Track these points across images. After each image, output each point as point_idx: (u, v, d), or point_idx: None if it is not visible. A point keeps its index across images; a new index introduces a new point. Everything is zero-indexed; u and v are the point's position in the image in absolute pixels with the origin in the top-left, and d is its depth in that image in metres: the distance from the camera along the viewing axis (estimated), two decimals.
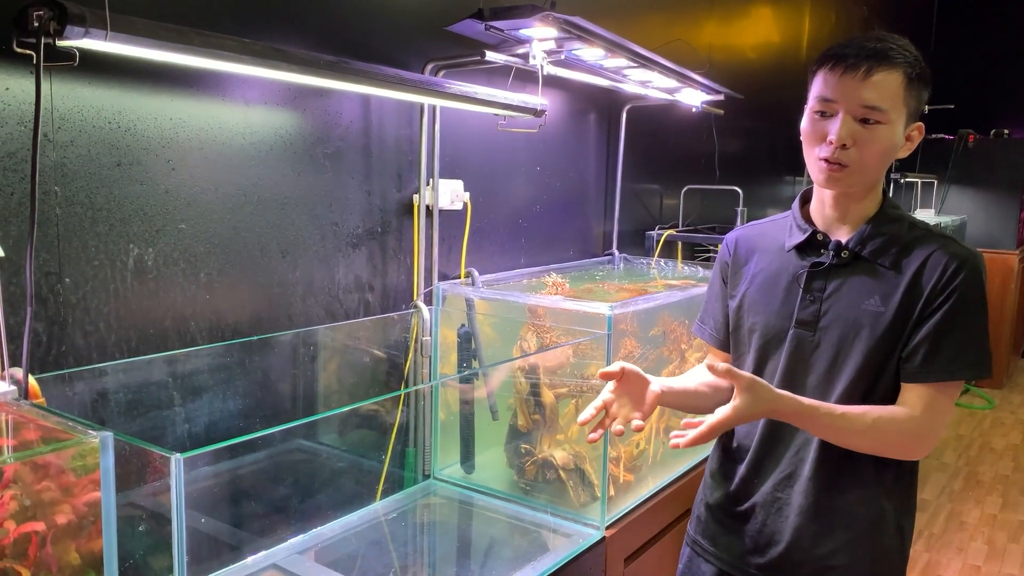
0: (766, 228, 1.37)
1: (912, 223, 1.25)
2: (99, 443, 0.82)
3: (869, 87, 1.14)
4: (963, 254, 1.19)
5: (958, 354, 1.17)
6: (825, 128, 1.18)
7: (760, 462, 1.31)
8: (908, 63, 1.16)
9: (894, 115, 1.16)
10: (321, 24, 1.70)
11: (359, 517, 1.79)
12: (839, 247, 1.24)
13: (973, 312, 1.19)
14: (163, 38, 1.09)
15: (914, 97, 1.18)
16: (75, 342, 1.35)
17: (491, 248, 2.28)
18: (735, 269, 1.37)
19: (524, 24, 1.68)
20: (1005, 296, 5.92)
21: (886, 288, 1.20)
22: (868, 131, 1.16)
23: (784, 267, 1.29)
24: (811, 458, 1.25)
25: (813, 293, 1.24)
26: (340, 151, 1.77)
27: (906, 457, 1.23)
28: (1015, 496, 3.98)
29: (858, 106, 1.15)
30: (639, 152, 2.98)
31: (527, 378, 1.96)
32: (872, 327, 1.19)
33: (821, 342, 1.23)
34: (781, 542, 1.28)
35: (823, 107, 1.18)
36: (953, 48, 7.25)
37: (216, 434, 1.55)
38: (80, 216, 1.33)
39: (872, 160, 1.18)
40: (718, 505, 1.38)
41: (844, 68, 1.15)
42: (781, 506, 1.29)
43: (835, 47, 1.18)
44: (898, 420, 1.16)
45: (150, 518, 1.19)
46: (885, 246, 1.22)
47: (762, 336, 1.29)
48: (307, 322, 1.74)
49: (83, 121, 1.32)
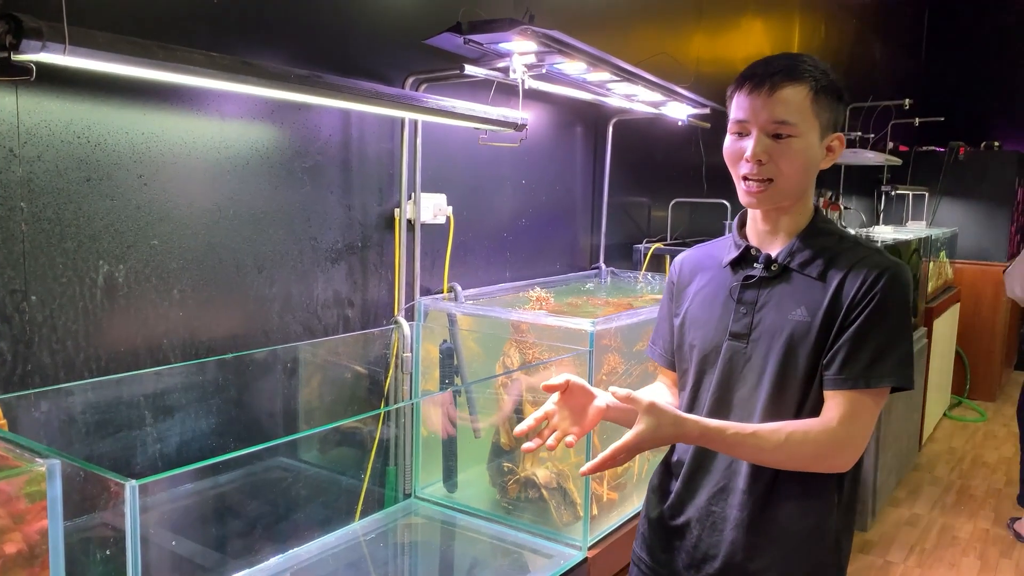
0: (709, 249, 1.40)
1: (842, 236, 1.28)
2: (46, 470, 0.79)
3: (776, 103, 1.18)
4: (885, 264, 1.21)
5: (875, 361, 1.17)
6: (742, 147, 1.22)
7: (694, 476, 1.32)
8: (814, 77, 1.20)
9: (804, 127, 1.19)
10: (301, 37, 1.68)
11: (337, 538, 1.76)
12: (769, 260, 1.27)
13: (893, 321, 1.19)
14: (125, 52, 1.06)
15: (825, 109, 1.21)
16: (41, 361, 1.32)
17: (475, 262, 2.25)
18: (680, 289, 1.40)
19: (503, 38, 1.66)
20: (996, 308, 5.91)
21: (813, 299, 1.22)
22: (781, 145, 1.20)
23: (722, 283, 1.32)
24: (744, 471, 1.25)
25: (745, 305, 1.27)
26: (319, 165, 1.75)
27: (829, 469, 1.21)
28: (1008, 510, 3.95)
29: (768, 122, 1.19)
30: (626, 165, 2.96)
31: (510, 395, 1.94)
32: (798, 337, 1.21)
33: (752, 354, 1.25)
34: (717, 557, 1.28)
35: (738, 128, 1.23)
36: (944, 61, 7.28)
37: (189, 454, 1.52)
38: (47, 232, 1.31)
39: (791, 172, 1.21)
40: (657, 521, 1.38)
41: (751, 87, 1.20)
42: (715, 520, 1.29)
43: (745, 70, 1.23)
44: (812, 433, 1.16)
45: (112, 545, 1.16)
46: (813, 258, 1.24)
47: (700, 351, 1.32)
48: (284, 339, 1.71)
49: (51, 135, 1.29)
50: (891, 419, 3.87)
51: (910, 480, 4.36)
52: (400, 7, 1.91)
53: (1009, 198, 5.97)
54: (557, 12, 2.46)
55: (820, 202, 4.62)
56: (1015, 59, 6.90)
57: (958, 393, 5.89)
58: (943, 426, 5.36)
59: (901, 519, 3.85)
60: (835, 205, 4.71)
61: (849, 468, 1.21)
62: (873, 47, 5.94)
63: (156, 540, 1.46)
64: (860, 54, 5.65)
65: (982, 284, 5.94)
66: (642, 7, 2.98)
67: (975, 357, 5.95)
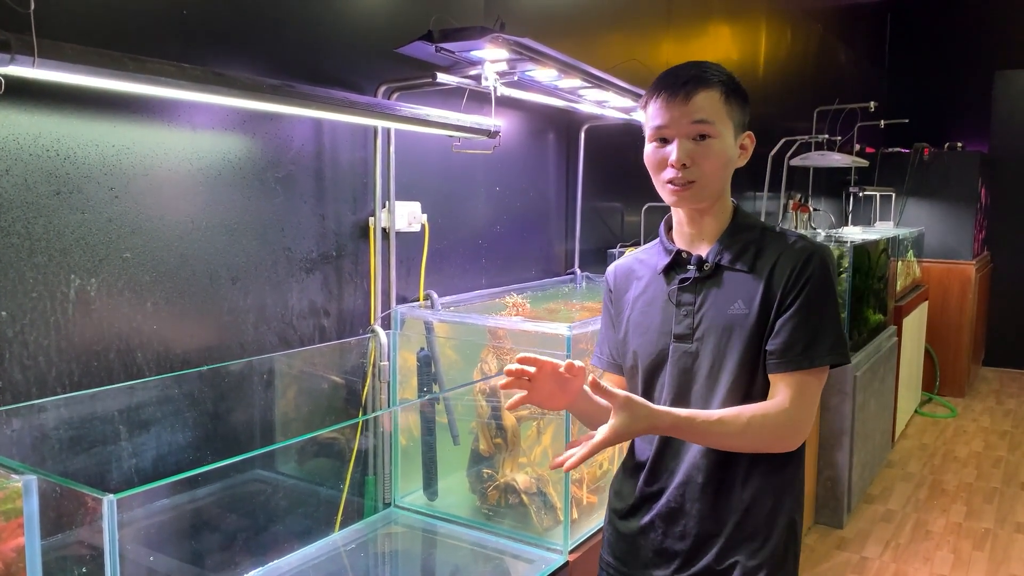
0: (640, 256, 1.44)
1: (764, 228, 1.33)
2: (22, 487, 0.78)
3: (693, 107, 1.24)
4: (811, 248, 1.27)
5: (813, 341, 1.23)
6: (665, 154, 1.27)
7: (656, 475, 1.34)
8: (722, 81, 1.26)
9: (721, 128, 1.25)
10: (272, 47, 1.68)
11: (317, 549, 1.75)
12: (700, 261, 1.31)
13: (824, 301, 1.25)
14: (95, 64, 1.06)
15: (736, 109, 1.28)
16: (12, 377, 1.30)
17: (451, 270, 2.26)
18: (617, 298, 1.43)
19: (474, 46, 1.67)
20: (964, 305, 6.02)
21: (747, 291, 1.27)
22: (702, 147, 1.25)
23: (658, 289, 1.36)
24: (704, 465, 1.29)
25: (685, 307, 1.31)
26: (292, 175, 1.75)
27: (784, 449, 1.26)
28: (979, 504, 4.02)
29: (688, 125, 1.24)
30: (599, 170, 2.98)
31: (488, 401, 1.94)
32: (740, 329, 1.26)
33: (699, 352, 1.29)
34: (682, 552, 1.31)
35: (660, 134, 1.27)
36: (906, 64, 7.42)
37: (166, 469, 1.50)
38: (17, 247, 1.29)
39: (712, 171, 1.26)
40: (623, 523, 1.40)
41: (668, 95, 1.25)
42: (678, 516, 1.31)
43: (657, 80, 1.28)
44: (771, 415, 1.21)
45: (90, 561, 1.15)
46: (740, 253, 1.30)
47: (646, 356, 1.34)
48: (260, 350, 1.70)
49: (19, 149, 1.28)
50: (864, 417, 3.92)
51: (884, 476, 4.42)
52: (371, 16, 1.92)
53: (973, 197, 6.09)
54: (528, 20, 2.48)
55: (790, 204, 4.68)
56: (974, 61, 7.05)
57: (928, 390, 5.98)
58: (915, 422, 5.44)
59: (876, 515, 3.90)
60: (804, 207, 4.77)
61: (797, 447, 1.27)
62: (838, 52, 6.04)
63: (134, 556, 1.44)
64: (826, 59, 5.74)
65: (949, 282, 6.04)
66: (612, 14, 3.01)
67: (944, 354, 6.06)
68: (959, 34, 7.15)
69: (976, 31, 7.07)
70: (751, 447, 1.24)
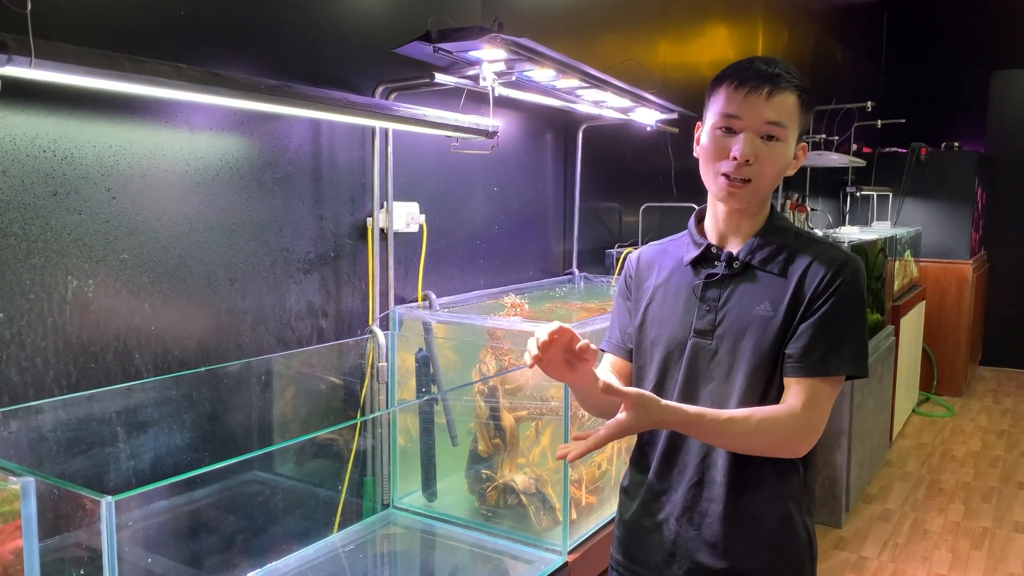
0: (667, 246, 1.42)
1: (797, 232, 1.32)
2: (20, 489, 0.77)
3: (772, 106, 1.21)
4: (843, 258, 1.26)
5: (833, 349, 1.21)
6: (728, 145, 1.24)
7: (667, 473, 1.33)
8: (803, 88, 1.24)
9: (791, 133, 1.24)
10: (270, 48, 1.68)
11: (316, 550, 1.74)
12: (730, 258, 1.30)
13: (851, 312, 1.24)
14: (92, 64, 1.05)
15: (804, 118, 1.26)
16: (10, 379, 1.29)
17: (449, 270, 2.26)
18: (638, 284, 1.41)
19: (472, 46, 1.67)
20: (961, 305, 6.03)
21: (775, 293, 1.26)
22: (768, 147, 1.23)
23: (683, 281, 1.34)
24: (721, 463, 1.27)
25: (708, 303, 1.29)
26: (290, 175, 1.74)
27: (792, 454, 1.25)
28: (977, 503, 4.03)
29: (762, 123, 1.22)
30: (597, 171, 2.98)
31: (486, 402, 1.94)
32: (763, 331, 1.25)
33: (718, 349, 1.28)
34: (697, 551, 1.30)
35: (728, 123, 1.24)
36: (904, 64, 7.43)
37: (164, 470, 1.50)
38: (14, 248, 1.29)
39: (770, 175, 1.25)
40: (633, 521, 1.39)
41: (749, 88, 1.21)
42: (693, 515, 1.30)
43: (735, 69, 1.24)
44: (781, 418, 1.20)
45: (88, 563, 1.14)
46: (773, 255, 1.28)
47: (664, 347, 1.33)
48: (257, 351, 1.70)
49: (15, 150, 1.28)
50: (862, 416, 3.92)
51: (882, 476, 4.42)
52: (369, 16, 1.91)
53: (970, 197, 6.10)
54: (526, 20, 2.48)
55: (787, 204, 4.69)
56: (971, 61, 7.06)
57: (926, 389, 5.99)
58: (912, 422, 5.45)
59: (874, 515, 3.90)
60: (802, 207, 4.77)
61: (807, 453, 1.26)
62: (835, 52, 6.05)
63: (132, 558, 1.44)
64: (823, 58, 5.75)
65: (946, 282, 6.05)
66: (609, 14, 3.01)
67: (941, 353, 6.07)
68: (956, 34, 7.16)
69: (973, 31, 7.08)
70: (759, 449, 1.23)
